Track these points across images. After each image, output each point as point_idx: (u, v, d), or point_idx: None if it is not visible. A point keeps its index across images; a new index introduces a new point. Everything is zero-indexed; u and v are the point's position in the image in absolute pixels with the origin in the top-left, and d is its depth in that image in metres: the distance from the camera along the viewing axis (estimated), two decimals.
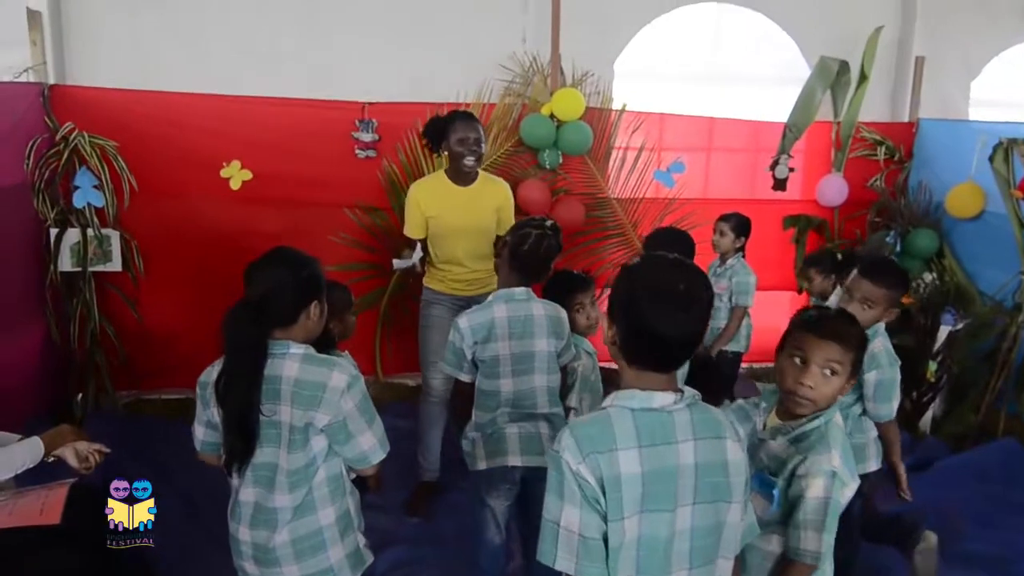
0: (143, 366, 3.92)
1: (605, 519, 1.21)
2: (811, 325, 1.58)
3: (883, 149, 4.53)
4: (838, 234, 4.62)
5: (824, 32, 4.61)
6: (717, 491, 1.27)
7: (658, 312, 1.25)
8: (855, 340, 1.60)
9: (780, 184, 4.51)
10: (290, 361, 1.65)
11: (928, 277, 4.32)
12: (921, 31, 4.72)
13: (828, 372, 1.56)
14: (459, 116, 3.10)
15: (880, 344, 2.26)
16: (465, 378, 2.12)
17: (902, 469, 2.39)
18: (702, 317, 1.29)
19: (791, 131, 4.43)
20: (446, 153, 3.11)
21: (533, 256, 2.13)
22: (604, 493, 1.20)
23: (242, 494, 1.67)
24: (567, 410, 2.17)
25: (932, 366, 3.94)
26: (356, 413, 1.64)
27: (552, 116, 4.02)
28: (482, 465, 2.09)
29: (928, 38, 4.77)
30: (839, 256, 3.59)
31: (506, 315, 2.10)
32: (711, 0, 4.52)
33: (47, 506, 1.64)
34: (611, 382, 1.45)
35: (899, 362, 2.33)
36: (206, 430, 1.73)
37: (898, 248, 4.36)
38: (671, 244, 2.54)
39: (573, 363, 2.17)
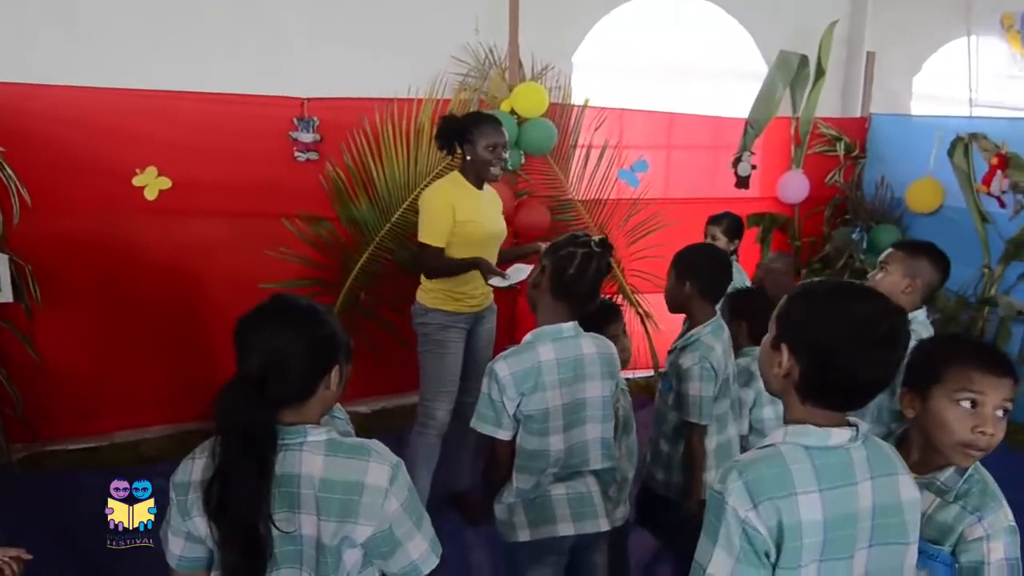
0: (44, 413, 3.29)
1: (773, 570, 1.10)
2: (983, 359, 1.33)
3: (842, 145, 4.46)
4: (799, 232, 4.53)
5: (779, 26, 4.50)
6: (893, 532, 1.17)
7: (863, 355, 1.12)
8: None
9: (743, 182, 4.37)
10: (310, 454, 1.23)
11: None
12: (869, 26, 4.69)
13: (1001, 413, 1.31)
14: (487, 119, 2.78)
15: None
16: (505, 436, 1.70)
17: None
18: (903, 355, 1.17)
19: (752, 127, 4.29)
20: (468, 157, 2.76)
21: (581, 281, 1.72)
22: (779, 542, 1.09)
23: None
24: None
25: None
26: (403, 515, 1.25)
27: (513, 112, 3.68)
28: (524, 536, 1.70)
29: (875, 34, 4.75)
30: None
31: (554, 357, 1.71)
32: None
33: None
34: None
35: None
36: (186, 543, 1.28)
37: (864, 245, 4.29)
38: (715, 269, 2.23)
39: (615, 404, 1.84)
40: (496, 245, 2.88)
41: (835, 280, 1.31)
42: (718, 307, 2.26)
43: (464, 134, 2.72)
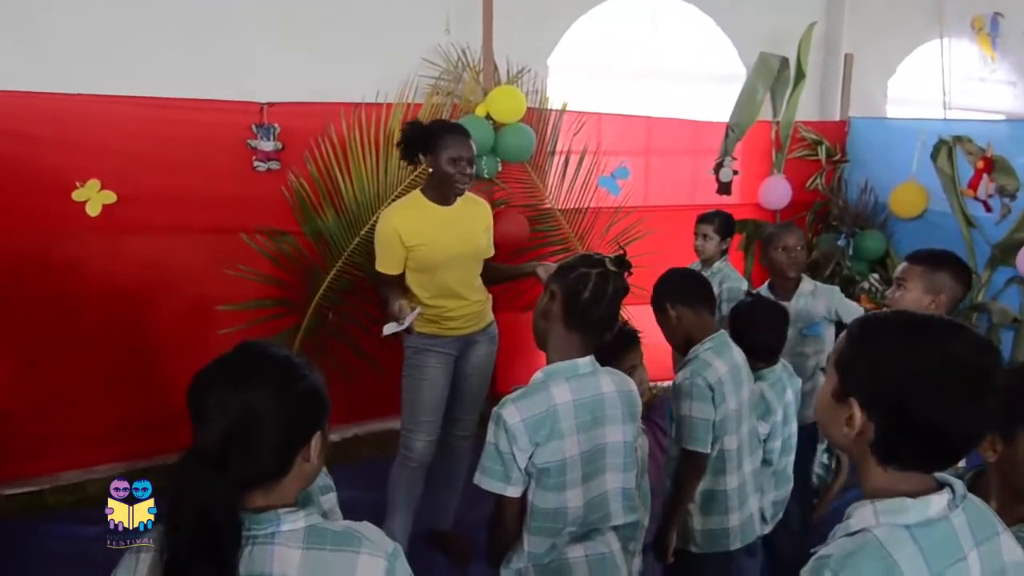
0: None
1: None
2: None
3: (823, 149, 4.36)
4: None
5: (756, 27, 4.39)
6: None
7: (956, 405, 0.94)
8: None
9: (725, 188, 4.22)
10: (285, 548, 0.99)
11: (874, 278, 4.20)
12: (846, 28, 4.62)
13: None
14: (452, 129, 2.54)
15: None
16: (514, 494, 1.46)
17: None
18: (999, 398, 0.96)
19: (733, 131, 4.16)
20: (431, 170, 2.51)
21: (597, 307, 1.50)
22: None
23: None
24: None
25: None
26: None
27: (488, 117, 3.47)
28: None
29: (850, 36, 4.68)
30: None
31: (571, 399, 1.47)
32: None
33: None
34: None
35: None
36: None
37: (851, 251, 4.20)
38: (685, 279, 2.06)
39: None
40: (466, 267, 2.59)
41: (903, 312, 1.10)
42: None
43: (428, 144, 2.48)
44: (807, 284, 2.81)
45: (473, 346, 2.67)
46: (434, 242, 2.49)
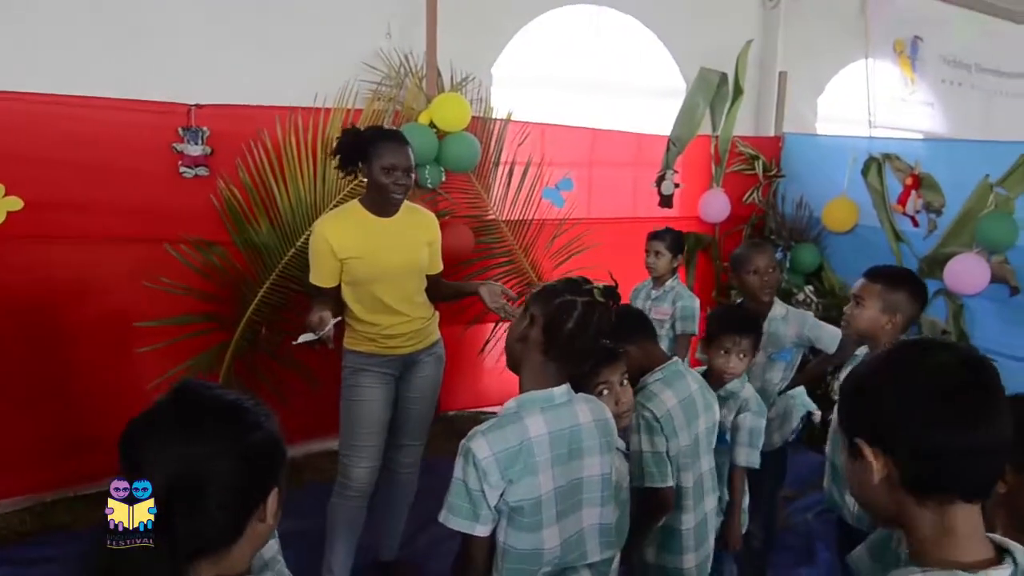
0: None
1: None
2: None
3: (760, 163, 4.44)
4: (720, 252, 4.46)
5: (695, 42, 4.45)
6: None
7: (955, 415, 0.88)
8: None
9: (666, 200, 4.24)
10: None
11: (809, 290, 4.30)
12: (781, 47, 4.73)
13: None
14: (387, 136, 2.37)
15: None
16: (482, 533, 1.35)
17: None
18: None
19: (675, 145, 4.19)
20: (365, 180, 2.37)
21: (580, 337, 1.40)
22: None
23: None
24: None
25: (835, 384, 3.86)
26: None
27: (432, 125, 3.36)
28: None
29: (785, 54, 4.81)
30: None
31: (546, 431, 1.37)
32: (588, 3, 4.14)
33: None
34: None
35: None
36: None
37: (787, 264, 4.28)
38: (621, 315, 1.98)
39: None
40: (404, 282, 2.43)
41: (881, 352, 1.02)
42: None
43: (363, 152, 2.33)
44: (779, 308, 2.70)
45: (416, 366, 2.52)
46: (368, 255, 2.34)
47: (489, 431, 1.37)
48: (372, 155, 2.30)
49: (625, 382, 1.67)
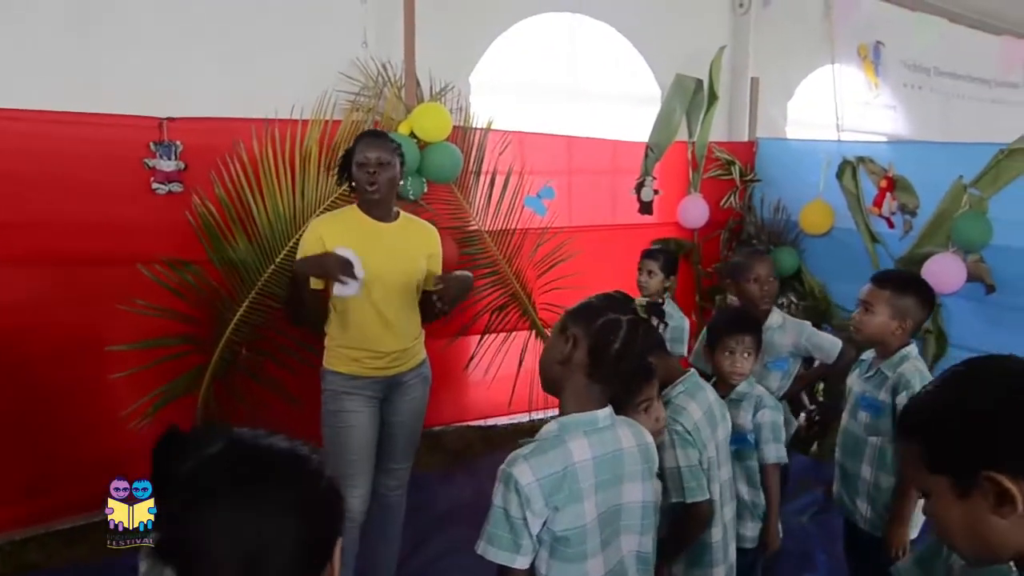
0: None
1: None
2: None
3: (736, 168, 4.47)
4: (700, 258, 4.48)
5: (670, 49, 4.47)
6: None
7: None
8: None
9: (646, 207, 4.25)
10: None
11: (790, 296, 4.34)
12: (752, 52, 4.79)
13: None
14: (363, 135, 2.44)
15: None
16: (523, 565, 1.27)
17: None
18: None
19: (653, 151, 4.19)
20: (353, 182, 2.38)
21: (627, 358, 1.34)
22: None
23: None
24: None
25: (819, 385, 3.89)
26: None
27: (413, 136, 3.29)
28: None
29: (755, 60, 4.86)
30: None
31: (590, 456, 1.31)
32: (564, 11, 4.13)
33: None
34: None
35: None
36: None
37: None
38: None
39: None
40: (399, 292, 2.35)
41: (945, 379, 0.92)
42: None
43: (349, 158, 2.38)
44: (776, 317, 2.69)
45: (401, 388, 2.43)
46: (365, 258, 2.27)
47: (531, 456, 1.30)
48: (353, 154, 2.33)
49: (658, 399, 1.64)
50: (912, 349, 2.06)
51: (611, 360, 1.34)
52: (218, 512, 0.76)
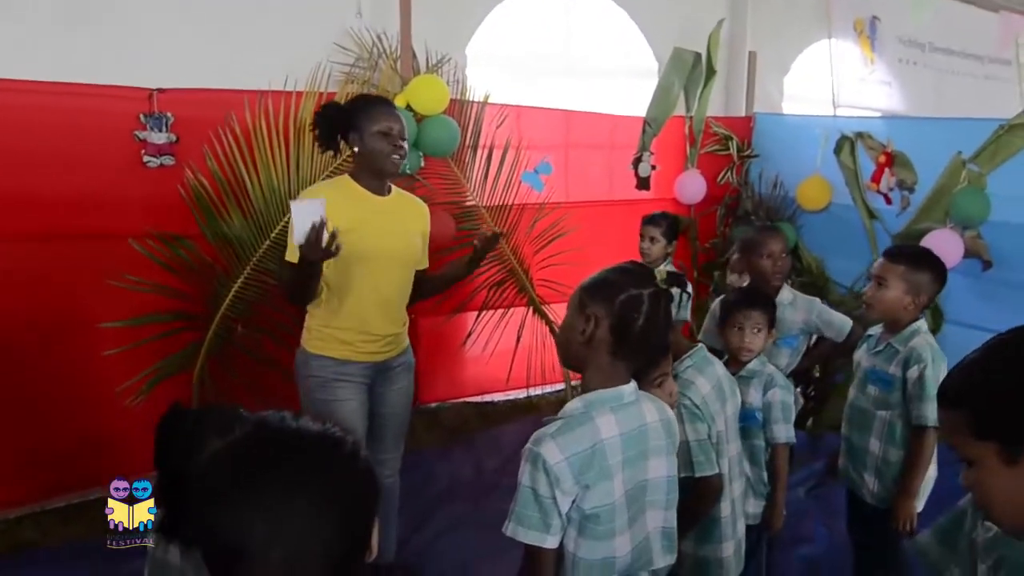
0: None
1: None
2: None
3: (733, 144, 4.44)
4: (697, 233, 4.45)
5: (667, 22, 4.41)
6: None
7: None
8: None
9: (644, 182, 4.21)
10: None
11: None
12: (750, 26, 4.73)
13: None
14: (375, 101, 2.25)
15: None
16: (553, 544, 1.24)
17: None
18: None
19: (650, 126, 4.14)
20: (358, 150, 2.19)
21: (652, 333, 1.30)
22: None
23: None
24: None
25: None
26: None
27: (409, 108, 3.22)
28: None
29: (753, 34, 4.81)
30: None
31: (617, 433, 1.28)
32: None
33: None
34: None
35: None
36: None
37: None
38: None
39: None
40: (400, 269, 2.27)
41: (991, 347, 0.91)
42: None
43: (349, 123, 2.18)
44: (786, 293, 2.65)
45: (389, 375, 2.34)
46: (364, 229, 2.13)
47: (558, 434, 1.26)
48: (364, 123, 2.15)
49: (671, 374, 1.61)
50: (922, 324, 2.05)
51: (635, 337, 1.30)
52: (255, 502, 0.72)
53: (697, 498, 1.68)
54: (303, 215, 1.92)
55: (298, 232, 1.92)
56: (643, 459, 1.34)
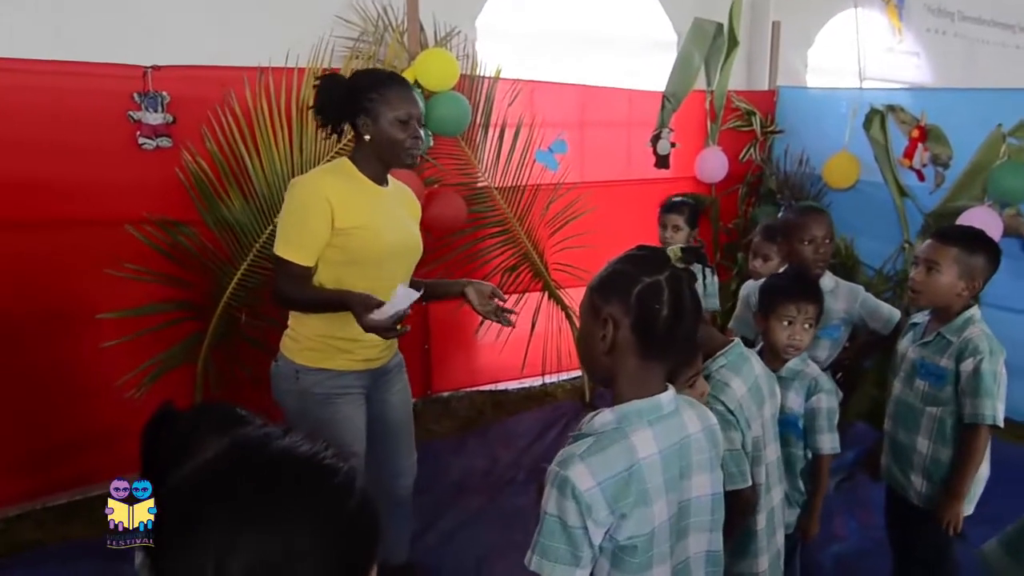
0: None
1: None
2: None
3: (756, 119, 4.24)
4: (719, 213, 4.28)
5: None
6: None
7: None
8: None
9: (663, 161, 4.02)
10: None
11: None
12: None
13: None
14: (392, 80, 1.92)
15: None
16: None
17: None
18: None
19: (670, 101, 3.95)
20: (367, 137, 1.91)
21: (681, 321, 1.12)
22: None
23: None
24: None
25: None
26: None
27: (417, 84, 3.06)
28: None
29: (776, 3, 4.59)
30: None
31: (656, 450, 1.11)
32: None
33: None
34: None
35: None
36: None
37: None
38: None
39: None
40: (405, 264, 2.03)
41: None
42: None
43: (359, 103, 1.88)
44: (828, 280, 2.42)
45: (387, 379, 2.12)
46: (375, 226, 1.89)
47: (588, 454, 1.09)
48: (378, 107, 1.86)
49: (701, 372, 1.45)
50: (976, 312, 1.89)
51: (662, 331, 1.12)
52: (219, 535, 0.60)
53: (729, 512, 1.53)
54: (401, 300, 1.76)
55: (386, 312, 1.74)
56: (686, 477, 1.18)
